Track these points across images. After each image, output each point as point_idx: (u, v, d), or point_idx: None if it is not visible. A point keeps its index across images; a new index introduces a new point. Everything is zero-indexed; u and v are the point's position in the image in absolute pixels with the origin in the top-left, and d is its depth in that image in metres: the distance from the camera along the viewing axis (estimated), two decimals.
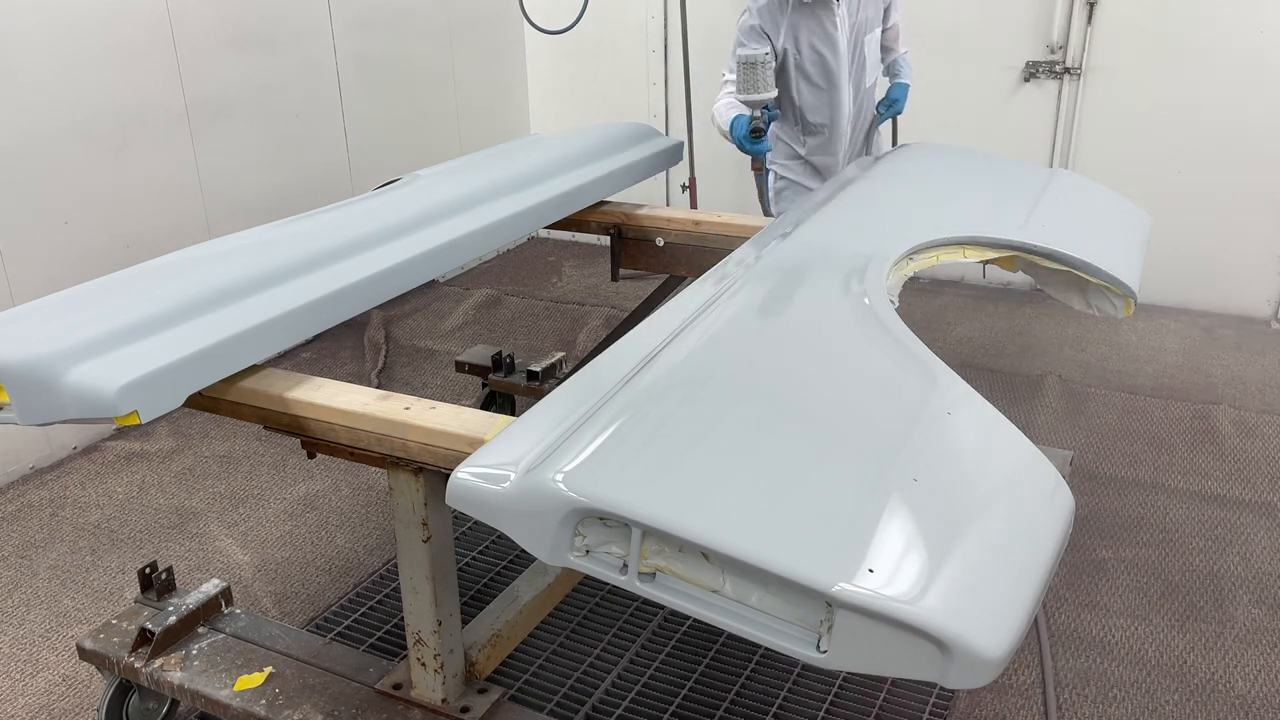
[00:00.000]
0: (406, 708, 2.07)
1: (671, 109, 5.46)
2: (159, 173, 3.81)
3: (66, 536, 3.16)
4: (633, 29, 5.43)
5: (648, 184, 4.31)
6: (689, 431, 1.60)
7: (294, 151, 4.39)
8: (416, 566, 1.98)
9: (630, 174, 3.25)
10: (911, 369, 1.82)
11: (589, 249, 5.72)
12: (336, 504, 3.31)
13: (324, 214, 2.54)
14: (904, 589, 1.29)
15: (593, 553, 1.48)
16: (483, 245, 2.64)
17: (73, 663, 2.58)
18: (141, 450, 3.64)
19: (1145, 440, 3.61)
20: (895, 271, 2.25)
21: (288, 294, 2.12)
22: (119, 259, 3.40)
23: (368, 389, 1.95)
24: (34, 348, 1.81)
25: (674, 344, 1.85)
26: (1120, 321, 4.59)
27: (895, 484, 1.49)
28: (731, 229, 2.99)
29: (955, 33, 4.73)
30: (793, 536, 1.38)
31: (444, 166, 2.99)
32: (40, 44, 3.35)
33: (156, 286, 2.07)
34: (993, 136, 4.72)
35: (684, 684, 2.45)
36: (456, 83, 5.29)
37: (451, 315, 4.88)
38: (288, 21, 4.27)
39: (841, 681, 2.45)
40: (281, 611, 2.80)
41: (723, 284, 2.15)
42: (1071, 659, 2.57)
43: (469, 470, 1.53)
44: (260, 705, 2.07)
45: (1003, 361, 4.27)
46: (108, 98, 3.59)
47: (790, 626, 1.38)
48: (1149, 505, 3.22)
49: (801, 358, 1.89)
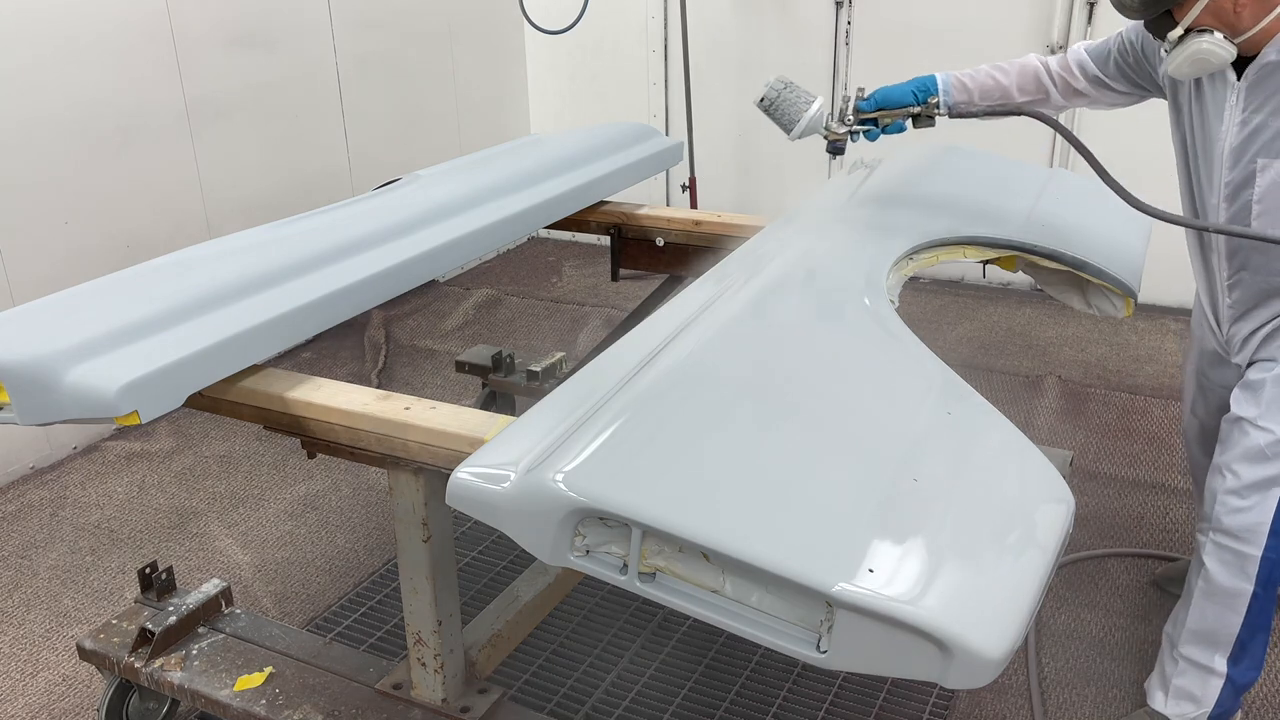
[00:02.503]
0: (406, 708, 2.07)
1: (671, 109, 5.46)
2: (159, 173, 3.81)
3: (66, 536, 3.16)
4: (633, 29, 5.43)
5: (648, 184, 4.31)
6: (689, 431, 1.60)
7: (294, 151, 4.39)
8: (416, 566, 1.98)
9: (630, 174, 3.25)
10: (911, 369, 1.82)
11: (589, 249, 5.72)
12: (336, 504, 3.31)
13: (324, 214, 2.54)
14: (904, 589, 1.29)
15: (593, 553, 1.48)
16: (483, 245, 2.64)
17: (73, 663, 2.58)
18: (141, 450, 3.64)
19: (1145, 440, 3.61)
20: (895, 271, 2.25)
21: (288, 294, 2.12)
22: (119, 259, 3.39)
23: (368, 389, 1.95)
24: (34, 348, 1.81)
25: (674, 344, 1.85)
26: (1120, 321, 4.59)
27: (895, 484, 1.49)
28: (731, 229, 2.99)
29: (955, 32, 4.73)
30: (793, 537, 1.38)
31: (444, 166, 2.99)
32: (40, 44, 3.35)
33: (156, 286, 2.07)
34: (993, 136, 4.71)
35: (684, 684, 2.45)
36: (456, 83, 5.29)
37: (451, 315, 4.88)
38: (288, 21, 4.27)
39: (841, 681, 2.45)
40: (281, 611, 2.80)
41: (723, 284, 2.15)
42: (1071, 659, 2.57)
43: (469, 470, 1.53)
44: (260, 705, 2.07)
45: (1003, 361, 4.27)
46: (108, 97, 3.59)
47: (790, 626, 1.38)
48: (1149, 505, 3.22)
49: (801, 358, 1.89)
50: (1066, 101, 2.38)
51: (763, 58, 5.17)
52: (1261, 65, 1.90)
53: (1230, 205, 2.03)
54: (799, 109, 2.42)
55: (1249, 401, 2.06)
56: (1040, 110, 2.30)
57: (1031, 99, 2.38)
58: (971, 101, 2.38)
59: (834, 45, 4.98)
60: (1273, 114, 1.90)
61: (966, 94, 2.38)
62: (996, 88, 2.38)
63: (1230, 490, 2.05)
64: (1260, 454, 2.01)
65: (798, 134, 2.44)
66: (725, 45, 5.22)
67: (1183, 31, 1.88)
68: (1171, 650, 2.20)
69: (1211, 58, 1.87)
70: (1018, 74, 2.38)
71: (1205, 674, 2.15)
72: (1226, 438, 2.09)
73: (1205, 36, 1.85)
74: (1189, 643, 2.16)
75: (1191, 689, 2.18)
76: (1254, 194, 1.96)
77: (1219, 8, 1.84)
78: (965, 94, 2.38)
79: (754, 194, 5.43)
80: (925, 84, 2.38)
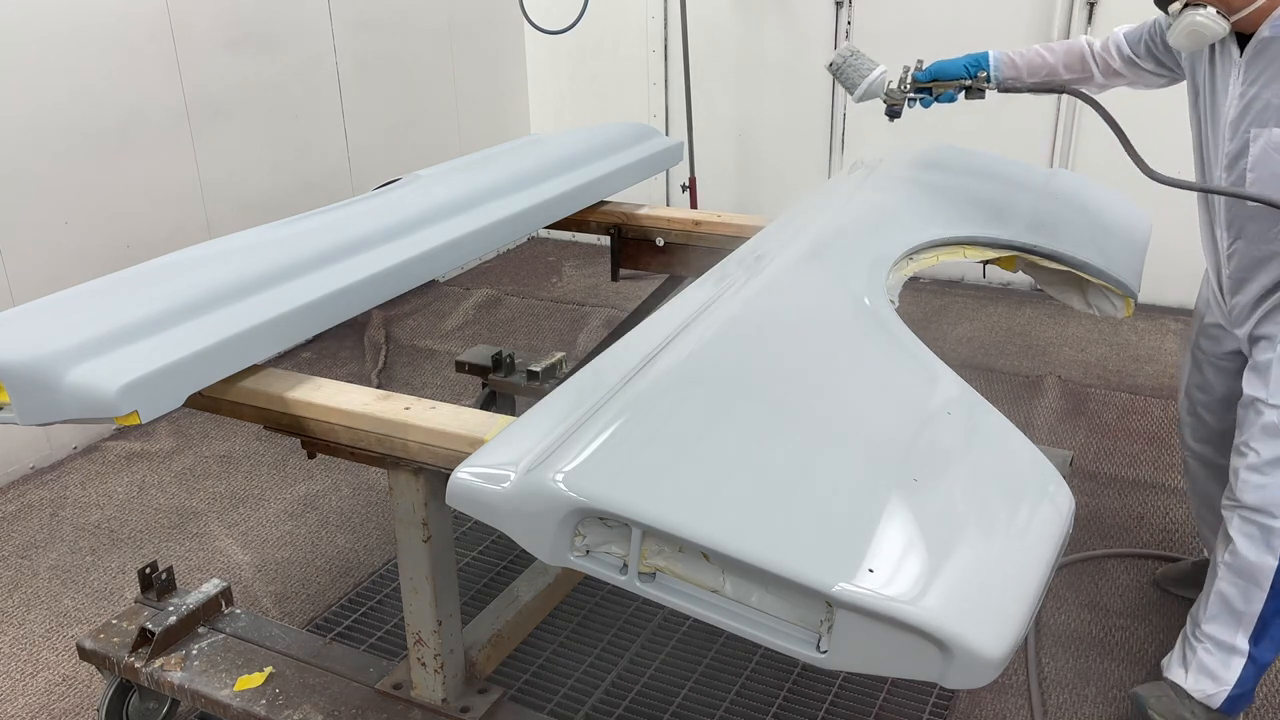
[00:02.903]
0: (406, 708, 2.07)
1: (671, 109, 5.46)
2: (159, 173, 3.81)
3: (66, 536, 3.16)
4: (633, 29, 5.43)
5: (648, 184, 4.31)
6: (689, 431, 1.60)
7: (294, 151, 4.39)
8: (416, 566, 1.98)
9: (630, 174, 3.25)
10: (911, 369, 1.82)
11: (589, 249, 5.72)
12: (336, 504, 3.31)
13: (324, 214, 2.54)
14: (904, 589, 1.29)
15: (593, 553, 1.48)
16: (483, 245, 2.64)
17: (73, 663, 2.58)
18: (141, 450, 3.64)
19: (1145, 440, 3.61)
20: (895, 271, 2.25)
21: (288, 294, 2.12)
22: (119, 259, 3.39)
23: (368, 389, 1.95)
24: (34, 348, 1.81)
25: (674, 344, 1.85)
26: (1120, 321, 4.59)
27: (895, 484, 1.49)
28: (731, 229, 2.99)
29: (955, 32, 4.73)
30: (793, 537, 1.38)
31: (444, 166, 2.99)
32: (40, 44, 3.35)
33: (156, 286, 2.07)
34: (993, 136, 4.71)
35: (684, 684, 2.45)
36: (456, 83, 5.29)
37: (451, 315, 4.88)
38: (288, 21, 4.27)
39: (841, 681, 2.45)
40: (281, 611, 2.80)
41: (723, 284, 2.15)
42: (1071, 659, 2.57)
43: (469, 470, 1.53)
44: (260, 705, 2.07)
45: (1003, 361, 4.27)
46: (108, 97, 3.59)
47: (790, 626, 1.38)
48: (1149, 505, 3.22)
49: (802, 358, 1.89)
50: (1106, 80, 2.50)
51: (763, 58, 5.18)
52: (1258, 40, 2.02)
53: (1229, 174, 2.15)
54: (862, 73, 2.62)
55: (1259, 382, 2.16)
56: (1081, 90, 2.44)
57: (1077, 77, 2.49)
58: (1020, 78, 2.50)
59: (834, 45, 4.98)
60: (1264, 86, 2.02)
61: (1015, 70, 2.50)
62: (1044, 65, 2.50)
63: (1251, 467, 2.15)
64: (1277, 430, 2.12)
65: (859, 95, 2.62)
66: (725, 45, 5.22)
67: (1181, 5, 2.03)
68: (1195, 629, 2.26)
69: (1205, 30, 2.01)
70: (1064, 53, 2.50)
71: (1228, 652, 2.21)
72: (1243, 420, 2.19)
73: (1199, 11, 2.00)
74: (1213, 620, 2.22)
75: (1214, 667, 2.23)
76: (1248, 162, 2.08)
77: None
78: (1014, 70, 2.50)
79: (754, 194, 5.44)
80: (978, 59, 2.51)
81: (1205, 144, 2.24)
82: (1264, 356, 2.17)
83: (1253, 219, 2.14)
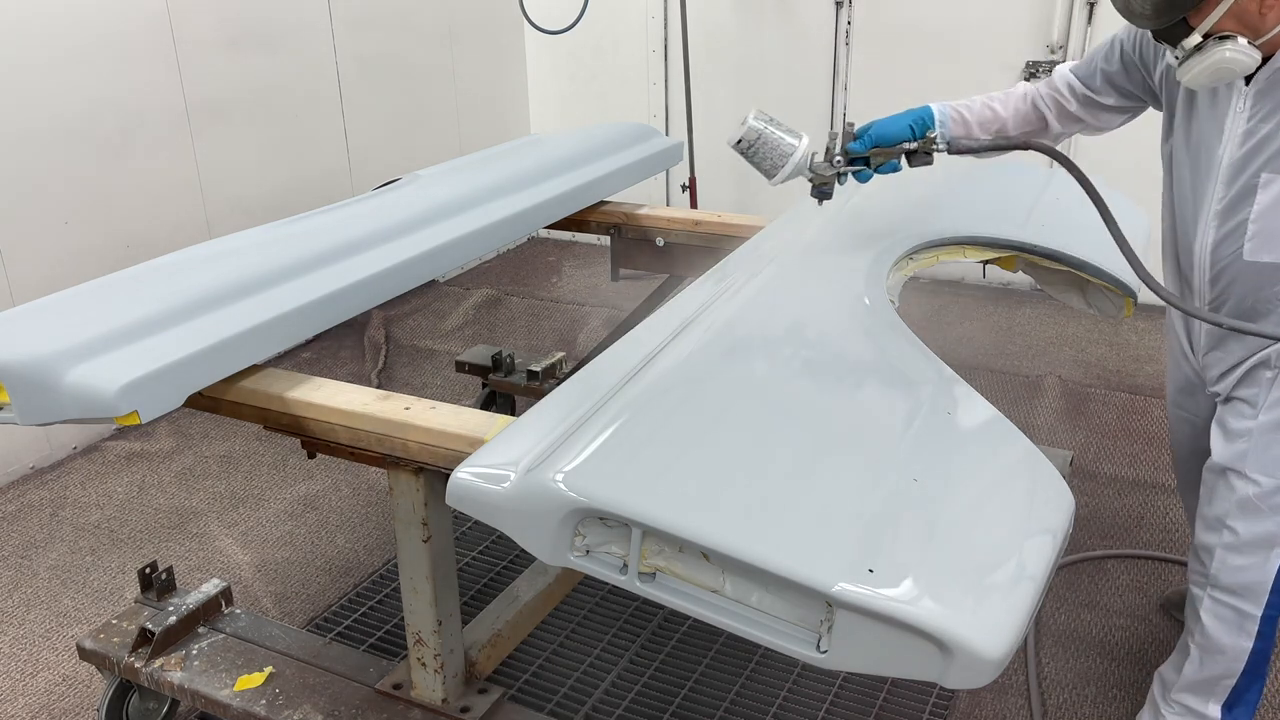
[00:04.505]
0: (406, 708, 2.07)
1: (671, 109, 5.46)
2: (159, 173, 3.81)
3: (66, 536, 3.16)
4: (633, 29, 5.43)
5: (648, 184, 4.31)
6: (689, 431, 1.60)
7: (294, 151, 4.39)
8: (416, 566, 1.98)
9: (630, 174, 3.25)
10: (911, 369, 1.82)
11: (589, 249, 5.72)
12: (336, 504, 3.31)
13: (324, 214, 2.54)
14: (904, 589, 1.30)
15: (593, 553, 1.48)
16: (483, 245, 2.64)
17: (73, 663, 2.58)
18: (141, 450, 3.64)
19: (1145, 440, 3.61)
20: (895, 271, 2.25)
21: (288, 294, 2.12)
22: (119, 259, 3.39)
23: (368, 389, 1.95)
24: (34, 348, 1.81)
25: (674, 344, 1.85)
26: (1120, 321, 4.59)
27: (895, 484, 1.49)
28: (731, 229, 2.99)
29: (955, 32, 4.73)
30: (793, 536, 1.38)
31: (444, 166, 2.99)
32: (40, 43, 3.35)
33: (156, 286, 2.07)
34: None
35: (684, 684, 2.45)
36: (456, 83, 5.29)
37: (451, 315, 4.88)
38: (288, 21, 4.27)
39: (841, 681, 2.45)
40: (281, 611, 2.80)
41: (723, 284, 2.15)
42: (1071, 659, 2.57)
43: (469, 470, 1.53)
44: (260, 705, 2.07)
45: (1003, 361, 4.27)
46: (108, 98, 3.59)
47: (790, 626, 1.38)
48: (1149, 505, 3.22)
49: (801, 358, 1.89)
50: (1064, 128, 2.22)
51: (763, 58, 5.18)
52: (1273, 71, 1.73)
53: (1221, 225, 1.86)
54: (783, 153, 2.16)
55: (1233, 453, 1.94)
56: (1043, 142, 2.11)
57: (1032, 129, 2.22)
58: (971, 135, 2.19)
59: (834, 45, 4.98)
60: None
61: (965, 127, 2.19)
62: (994, 119, 2.20)
63: (1229, 547, 1.95)
64: (1253, 507, 1.92)
65: (781, 179, 2.19)
66: (725, 45, 5.22)
67: (1200, 39, 1.68)
68: (1165, 693, 2.16)
69: (1235, 66, 1.68)
70: (1015, 103, 2.21)
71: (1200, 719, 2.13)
72: (1213, 488, 1.98)
73: (1228, 44, 1.66)
74: (1185, 690, 2.11)
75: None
76: (1251, 213, 1.79)
77: (1242, 10, 1.65)
78: (964, 127, 2.19)
79: (754, 194, 5.41)
80: (921, 116, 2.15)
81: (1184, 187, 1.94)
82: (1241, 425, 1.93)
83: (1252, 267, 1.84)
